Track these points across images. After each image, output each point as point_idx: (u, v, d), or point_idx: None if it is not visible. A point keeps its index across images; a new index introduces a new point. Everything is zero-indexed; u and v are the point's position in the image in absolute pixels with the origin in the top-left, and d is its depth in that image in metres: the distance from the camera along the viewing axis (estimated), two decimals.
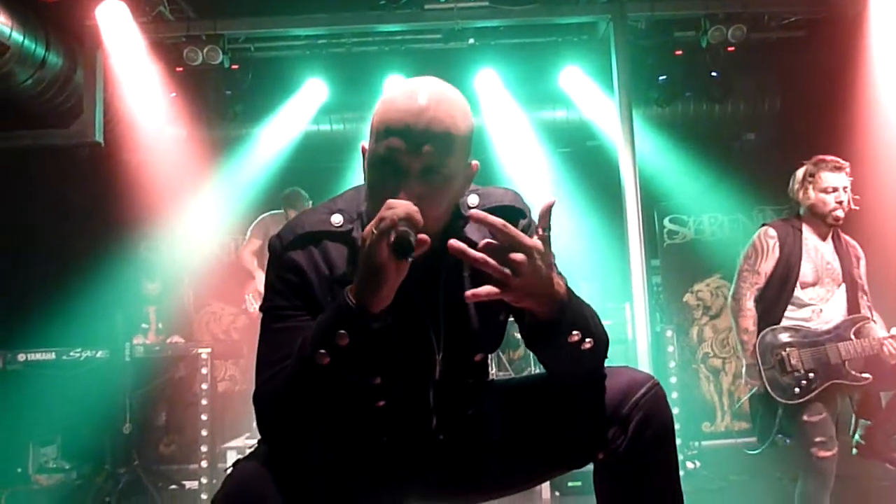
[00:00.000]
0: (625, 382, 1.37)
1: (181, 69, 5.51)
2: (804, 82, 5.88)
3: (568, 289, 1.30)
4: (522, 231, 1.25)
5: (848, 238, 3.12)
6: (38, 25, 4.67)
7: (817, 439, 2.81)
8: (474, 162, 1.37)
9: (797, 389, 2.85)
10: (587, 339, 1.30)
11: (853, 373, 2.87)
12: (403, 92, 1.28)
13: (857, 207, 3.01)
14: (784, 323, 2.97)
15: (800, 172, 3.08)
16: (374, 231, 1.16)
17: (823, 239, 3.05)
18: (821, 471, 2.81)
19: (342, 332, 1.19)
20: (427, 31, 5.70)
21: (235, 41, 5.59)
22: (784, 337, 2.94)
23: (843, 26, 5.12)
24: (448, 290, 1.37)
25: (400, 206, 1.17)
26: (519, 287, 1.20)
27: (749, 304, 3.00)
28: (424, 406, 1.44)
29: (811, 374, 2.86)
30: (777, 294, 2.99)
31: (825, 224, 3.02)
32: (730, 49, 5.48)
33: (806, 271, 2.96)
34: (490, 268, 1.18)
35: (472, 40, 5.82)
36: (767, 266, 3.00)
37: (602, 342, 1.35)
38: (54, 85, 5.03)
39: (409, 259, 1.17)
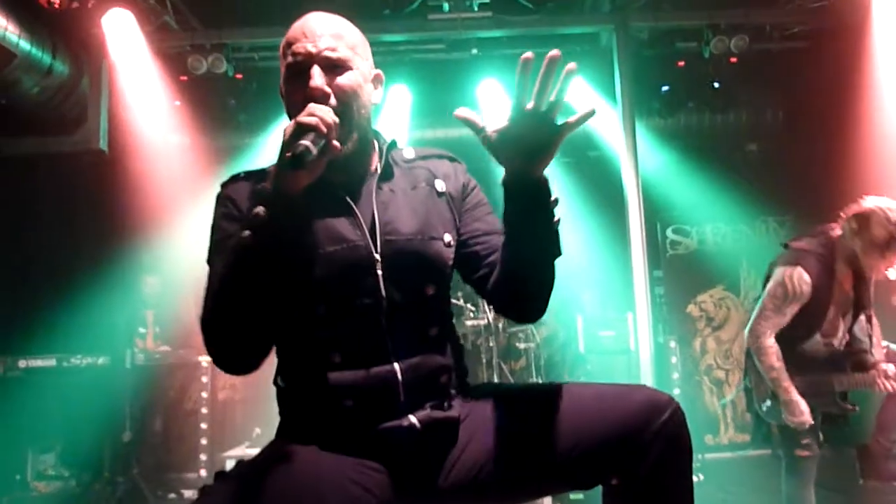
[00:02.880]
0: (644, 406, 1.30)
1: (185, 78, 5.56)
2: (807, 93, 5.88)
3: None
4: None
5: None
6: (45, 34, 4.72)
7: (803, 441, 2.86)
8: (377, 70, 1.56)
9: None
10: (557, 213, 1.35)
11: (842, 403, 2.91)
12: (296, 22, 1.46)
13: None
14: None
15: (881, 235, 2.79)
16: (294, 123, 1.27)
17: (849, 273, 2.95)
18: (799, 469, 2.86)
19: (259, 208, 1.26)
20: (430, 42, 5.73)
21: (240, 50, 5.63)
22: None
23: (846, 37, 5.13)
24: (382, 208, 1.44)
25: (318, 109, 1.27)
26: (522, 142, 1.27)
27: (769, 342, 2.87)
28: (382, 351, 1.37)
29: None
30: (797, 334, 2.90)
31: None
32: (732, 60, 5.51)
33: (830, 314, 2.92)
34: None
35: (475, 50, 5.84)
36: (794, 309, 2.87)
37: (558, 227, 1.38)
38: (60, 93, 5.07)
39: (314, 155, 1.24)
